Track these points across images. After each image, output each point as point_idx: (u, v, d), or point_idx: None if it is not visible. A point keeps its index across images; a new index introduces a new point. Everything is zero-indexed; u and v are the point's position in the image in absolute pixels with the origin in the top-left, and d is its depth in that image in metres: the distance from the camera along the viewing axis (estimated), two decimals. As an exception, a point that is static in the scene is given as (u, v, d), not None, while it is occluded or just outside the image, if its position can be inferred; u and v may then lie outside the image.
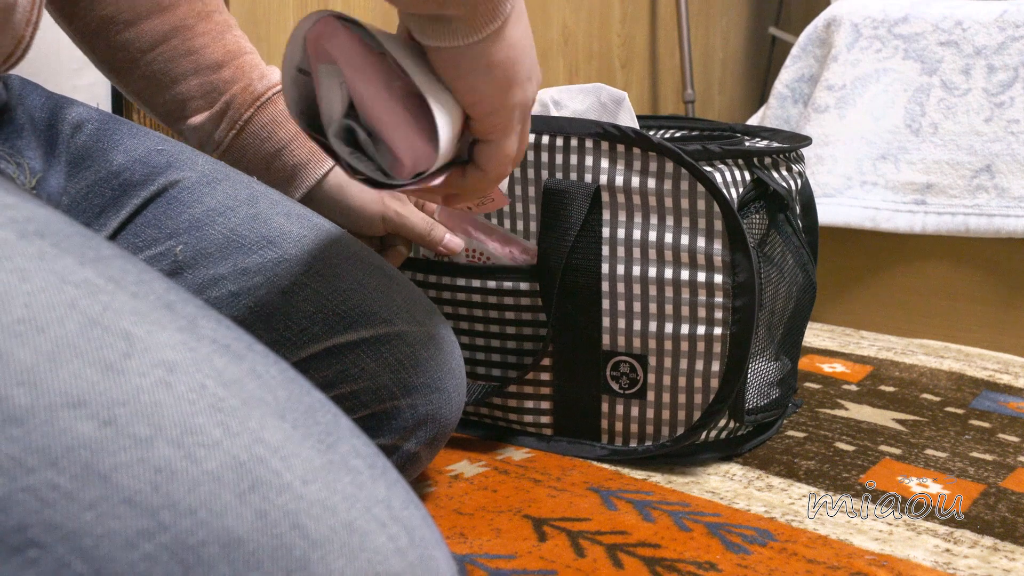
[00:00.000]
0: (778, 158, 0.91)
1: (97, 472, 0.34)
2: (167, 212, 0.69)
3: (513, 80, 0.55)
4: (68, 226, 0.40)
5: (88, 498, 0.34)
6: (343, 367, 0.68)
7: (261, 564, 0.35)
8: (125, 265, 0.40)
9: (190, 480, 0.35)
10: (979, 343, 1.35)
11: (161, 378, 0.37)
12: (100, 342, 0.36)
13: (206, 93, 0.77)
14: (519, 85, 0.56)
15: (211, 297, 0.68)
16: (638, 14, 1.98)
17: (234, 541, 0.35)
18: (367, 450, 0.41)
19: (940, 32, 1.38)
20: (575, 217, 0.85)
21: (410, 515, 0.40)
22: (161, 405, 0.36)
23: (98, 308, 0.37)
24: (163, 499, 0.35)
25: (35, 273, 0.37)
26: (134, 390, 0.36)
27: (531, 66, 0.57)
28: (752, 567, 0.70)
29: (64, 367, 0.35)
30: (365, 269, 0.70)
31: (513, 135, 0.58)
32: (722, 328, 0.84)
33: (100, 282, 0.38)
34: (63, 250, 0.38)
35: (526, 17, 0.56)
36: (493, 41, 0.53)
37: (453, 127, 0.55)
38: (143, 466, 0.35)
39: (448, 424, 0.72)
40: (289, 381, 0.41)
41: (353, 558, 0.37)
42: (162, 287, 0.41)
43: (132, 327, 0.37)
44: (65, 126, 0.70)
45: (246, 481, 0.36)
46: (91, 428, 0.35)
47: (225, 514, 0.35)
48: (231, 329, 0.42)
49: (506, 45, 0.54)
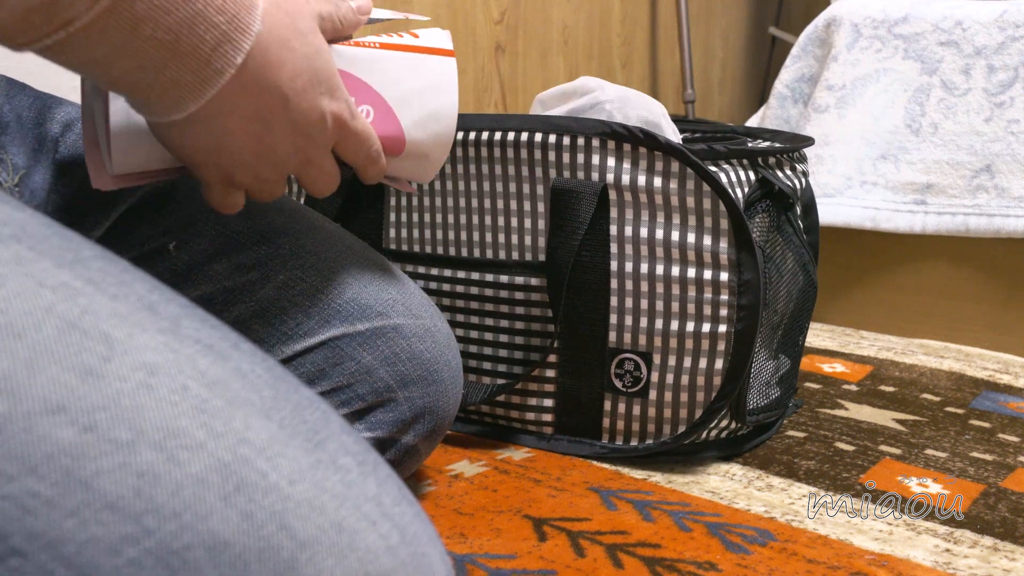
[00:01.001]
0: (782, 158, 0.91)
1: (78, 479, 0.34)
2: (160, 210, 0.69)
3: (198, 162, 0.54)
4: (46, 228, 0.40)
5: (70, 505, 0.33)
6: (339, 360, 0.68)
7: (248, 567, 0.35)
8: (105, 266, 0.40)
9: (173, 484, 0.35)
10: (979, 343, 1.35)
11: (142, 381, 0.36)
12: (79, 346, 0.36)
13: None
14: (210, 167, 0.55)
15: (206, 292, 0.68)
16: (638, 14, 1.98)
17: (220, 544, 0.35)
18: (357, 447, 0.41)
19: (940, 32, 1.38)
20: (583, 215, 0.86)
21: (402, 512, 0.40)
22: (143, 408, 0.36)
23: (76, 312, 0.37)
24: (146, 504, 0.34)
25: (10, 278, 0.36)
26: (114, 394, 0.35)
27: (251, 157, 0.55)
28: (752, 567, 0.70)
29: (42, 373, 0.35)
30: (360, 263, 0.71)
31: (216, 189, 0.57)
32: (727, 325, 0.84)
33: (78, 285, 0.38)
34: (40, 253, 0.38)
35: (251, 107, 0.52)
36: (183, 127, 0.52)
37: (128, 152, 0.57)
38: (125, 471, 0.34)
39: (446, 417, 0.72)
40: (276, 380, 0.41)
41: (343, 558, 0.36)
42: (144, 288, 0.40)
43: (112, 330, 0.37)
44: (54, 124, 0.70)
45: (231, 483, 0.36)
46: (71, 434, 0.34)
47: (210, 517, 0.35)
48: (216, 328, 0.41)
49: (198, 134, 0.52)
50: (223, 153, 0.53)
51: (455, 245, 0.94)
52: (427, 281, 0.95)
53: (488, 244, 0.92)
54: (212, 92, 0.49)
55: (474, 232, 0.93)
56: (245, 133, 0.52)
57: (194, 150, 0.53)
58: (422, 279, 0.96)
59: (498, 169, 0.90)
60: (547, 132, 0.88)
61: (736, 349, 0.84)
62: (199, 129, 0.51)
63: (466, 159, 0.92)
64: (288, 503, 0.36)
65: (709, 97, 2.24)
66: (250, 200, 0.70)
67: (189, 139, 0.52)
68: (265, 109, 0.52)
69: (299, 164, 0.57)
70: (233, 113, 0.51)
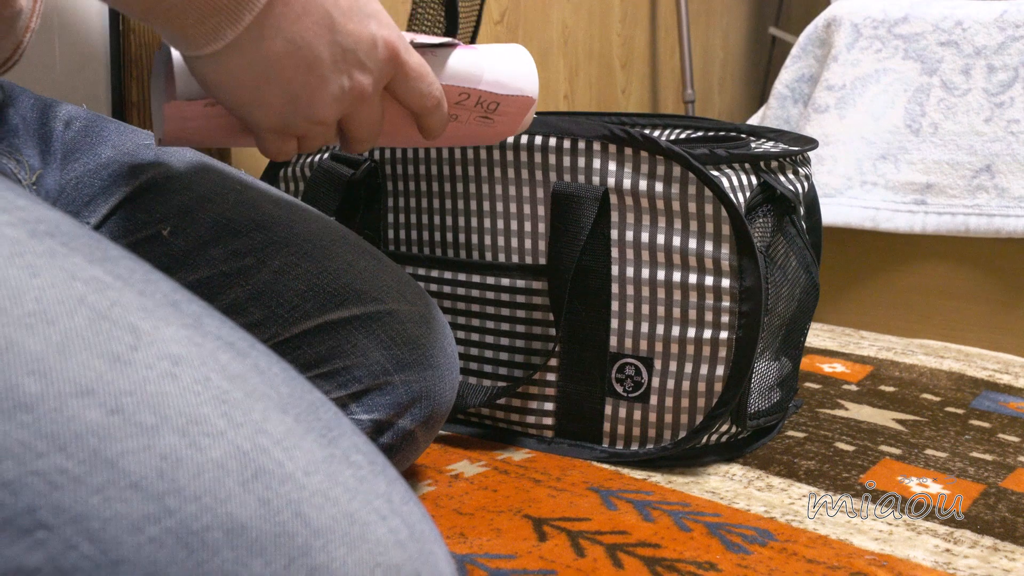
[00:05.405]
0: (785, 162, 0.91)
1: (104, 458, 0.35)
2: (156, 199, 0.70)
3: (253, 100, 0.52)
4: (76, 227, 0.42)
5: (95, 482, 0.35)
6: (335, 343, 0.68)
7: (264, 550, 0.36)
8: (132, 265, 0.42)
9: (195, 467, 0.36)
10: (979, 343, 1.35)
11: (167, 370, 0.38)
12: (108, 335, 0.37)
13: None
14: (262, 106, 0.52)
15: (202, 276, 0.69)
16: (638, 14, 1.98)
17: (238, 527, 0.36)
18: (367, 447, 0.42)
19: (940, 32, 1.38)
20: (585, 221, 0.86)
21: (410, 510, 0.41)
22: (167, 395, 0.37)
23: (106, 303, 0.38)
24: (168, 485, 0.35)
25: (45, 269, 0.38)
26: (141, 380, 0.37)
27: (295, 85, 0.52)
28: (752, 567, 0.70)
29: (73, 357, 0.36)
30: (354, 251, 0.71)
31: (267, 136, 0.55)
32: (728, 332, 0.84)
33: (108, 279, 0.39)
34: (72, 249, 0.40)
35: (280, 39, 0.50)
36: (219, 59, 0.49)
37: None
38: (149, 453, 0.36)
39: (443, 403, 0.73)
40: (291, 379, 0.42)
41: (354, 548, 0.38)
42: (168, 287, 0.42)
43: (139, 322, 0.38)
44: (57, 123, 0.71)
45: (249, 470, 0.37)
46: (99, 416, 0.35)
47: (229, 501, 0.36)
48: (235, 329, 0.43)
49: (235, 67, 0.50)
50: (271, 85, 0.51)
51: (454, 247, 0.94)
52: (427, 283, 0.95)
53: (488, 247, 0.92)
54: (250, 17, 0.47)
55: (473, 235, 0.93)
56: (291, 61, 0.50)
57: (239, 86, 0.50)
58: (422, 280, 0.96)
59: (498, 171, 0.90)
60: (547, 135, 0.88)
61: (737, 356, 0.84)
62: (241, 60, 0.49)
63: (465, 161, 0.92)
64: (303, 492, 0.37)
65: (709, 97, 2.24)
66: (243, 190, 0.71)
67: (232, 74, 0.50)
68: (309, 31, 0.50)
69: (352, 100, 0.54)
70: (276, 38, 0.49)
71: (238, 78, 0.50)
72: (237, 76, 0.50)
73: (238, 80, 0.50)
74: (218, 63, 0.49)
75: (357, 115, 0.55)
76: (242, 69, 0.49)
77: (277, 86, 0.51)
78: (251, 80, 0.50)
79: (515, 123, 0.66)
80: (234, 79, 0.50)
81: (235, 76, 0.50)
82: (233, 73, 0.50)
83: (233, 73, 0.50)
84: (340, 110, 0.54)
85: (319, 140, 0.56)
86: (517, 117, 0.66)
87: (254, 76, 0.50)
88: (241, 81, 0.50)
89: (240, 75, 0.50)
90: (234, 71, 0.50)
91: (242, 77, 0.50)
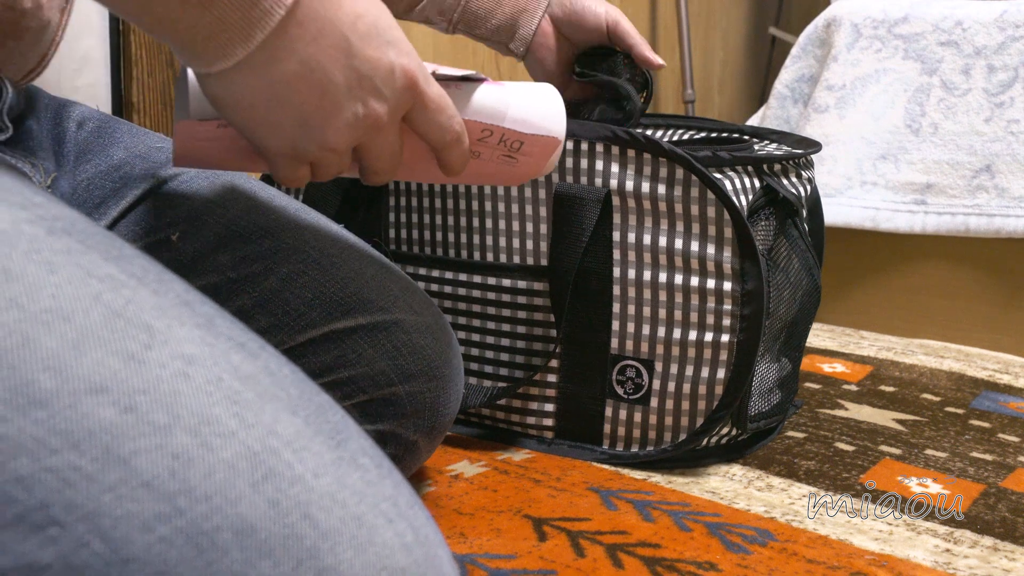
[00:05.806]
0: (788, 165, 0.90)
1: (117, 456, 0.35)
2: (166, 203, 0.70)
3: (259, 122, 0.50)
4: (92, 226, 0.42)
5: (108, 480, 0.35)
6: (341, 352, 0.68)
7: (272, 552, 0.36)
8: (146, 264, 0.42)
9: (206, 467, 0.36)
10: (979, 343, 1.35)
11: (180, 370, 0.38)
12: (123, 333, 0.38)
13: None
14: (273, 130, 0.50)
15: (210, 283, 0.68)
16: (638, 14, 1.98)
17: (247, 528, 0.36)
18: (374, 451, 0.42)
19: (940, 32, 1.38)
20: (587, 222, 0.86)
21: (416, 514, 0.41)
22: (180, 395, 0.37)
23: (121, 302, 0.38)
24: (180, 484, 0.36)
25: (62, 266, 0.38)
26: (154, 379, 0.37)
27: (308, 111, 0.50)
28: (752, 567, 0.70)
29: (87, 355, 0.36)
30: (362, 259, 0.71)
31: (280, 161, 0.53)
32: (729, 335, 0.84)
33: (123, 278, 0.40)
34: (88, 247, 0.40)
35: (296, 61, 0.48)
36: (230, 78, 0.48)
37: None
38: (161, 452, 0.36)
39: (447, 414, 0.73)
40: (300, 381, 0.42)
41: (361, 551, 0.38)
42: (181, 287, 0.42)
43: (153, 321, 0.39)
44: (70, 123, 0.71)
45: (260, 471, 0.37)
46: (112, 414, 0.36)
47: (239, 502, 0.36)
48: (245, 331, 0.43)
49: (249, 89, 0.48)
50: (282, 108, 0.49)
51: (456, 247, 0.94)
52: (428, 283, 0.95)
53: (489, 247, 0.92)
54: (261, 35, 0.46)
55: (474, 235, 0.93)
56: (304, 84, 0.48)
57: (249, 107, 0.49)
58: (423, 281, 0.96)
59: (498, 170, 0.90)
60: None
61: (738, 359, 0.84)
62: (252, 80, 0.48)
63: (466, 160, 0.92)
64: (312, 494, 0.38)
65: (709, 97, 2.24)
66: (252, 196, 0.71)
67: (242, 94, 0.48)
68: (324, 54, 0.48)
69: (367, 128, 0.51)
70: (289, 59, 0.47)
71: (248, 98, 0.49)
72: (247, 96, 0.48)
73: (248, 100, 0.49)
74: (229, 82, 0.48)
75: (373, 145, 0.53)
76: (252, 89, 0.48)
77: (288, 109, 0.49)
78: (261, 101, 0.49)
79: (540, 164, 0.64)
80: (244, 99, 0.49)
81: (245, 96, 0.48)
82: (243, 93, 0.48)
83: (243, 93, 0.48)
84: (354, 138, 0.52)
85: (332, 168, 0.53)
86: (542, 159, 0.63)
87: (265, 97, 0.48)
88: (251, 102, 0.49)
89: (250, 96, 0.48)
90: (244, 91, 0.48)
91: (252, 98, 0.48)
